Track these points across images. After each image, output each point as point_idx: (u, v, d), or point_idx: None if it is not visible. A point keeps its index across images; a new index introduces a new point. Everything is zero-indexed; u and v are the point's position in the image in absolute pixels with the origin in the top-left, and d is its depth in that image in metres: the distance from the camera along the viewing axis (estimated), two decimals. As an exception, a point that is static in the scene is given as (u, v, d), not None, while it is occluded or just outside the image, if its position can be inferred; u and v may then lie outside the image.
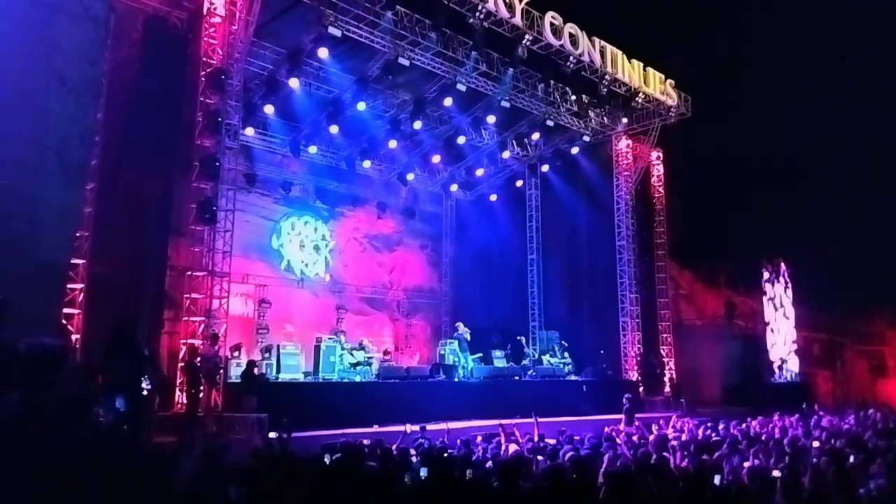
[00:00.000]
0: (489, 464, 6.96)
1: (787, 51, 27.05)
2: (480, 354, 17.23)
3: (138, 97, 11.76)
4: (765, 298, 25.43)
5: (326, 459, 7.14)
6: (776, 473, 6.71)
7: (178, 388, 11.54)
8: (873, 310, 29.59)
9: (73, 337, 10.40)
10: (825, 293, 26.13)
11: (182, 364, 11.50)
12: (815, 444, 9.30)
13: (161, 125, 12.09)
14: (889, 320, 30.70)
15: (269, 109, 15.74)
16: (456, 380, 15.72)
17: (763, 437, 10.18)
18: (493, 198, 21.78)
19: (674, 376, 19.88)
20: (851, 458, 7.77)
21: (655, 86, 18.33)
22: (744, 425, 11.70)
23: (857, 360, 30.20)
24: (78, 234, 9.88)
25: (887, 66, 25.78)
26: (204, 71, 12.38)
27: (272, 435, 9.09)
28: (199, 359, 11.20)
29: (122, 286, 11.01)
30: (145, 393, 7.21)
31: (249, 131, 16.28)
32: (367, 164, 19.17)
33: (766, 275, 25.70)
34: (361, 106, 16.09)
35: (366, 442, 8.13)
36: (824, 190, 27.39)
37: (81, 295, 10.77)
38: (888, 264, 26.53)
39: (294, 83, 14.99)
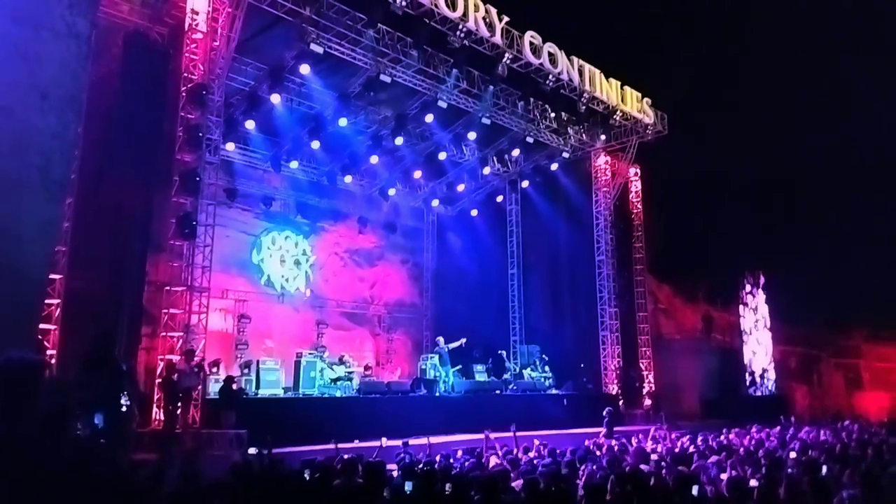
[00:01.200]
0: (471, 476, 6.99)
1: (763, 67, 27.73)
2: (460, 367, 17.25)
3: (118, 112, 11.75)
4: (743, 311, 25.80)
5: (306, 475, 7.12)
6: (753, 483, 6.82)
7: (155, 405, 11.41)
8: (849, 324, 30.12)
9: (50, 353, 10.26)
10: (802, 307, 26.55)
11: (159, 380, 11.38)
12: (792, 454, 9.46)
13: (141, 140, 12.07)
14: (864, 334, 31.26)
15: (250, 125, 15.78)
16: (437, 394, 15.73)
17: (740, 449, 10.31)
18: (474, 213, 21.94)
19: (653, 389, 20.04)
20: (825, 469, 7.92)
21: (633, 104, 18.69)
22: (721, 437, 11.83)
23: (834, 374, 30.66)
24: (56, 249, 9.80)
25: (863, 81, 26.50)
26: (185, 86, 12.39)
27: (252, 451, 9.05)
28: (176, 375, 11.10)
29: (100, 301, 10.91)
30: (124, 409, 7.12)
31: (230, 146, 16.28)
32: (348, 179, 19.24)
33: (746, 287, 26.09)
34: (343, 122, 16.18)
35: (346, 457, 8.11)
36: (801, 205, 27.99)
37: (58, 310, 10.65)
38: (863, 278, 27.10)
39: (275, 99, 15.05)
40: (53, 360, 10.31)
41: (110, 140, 11.64)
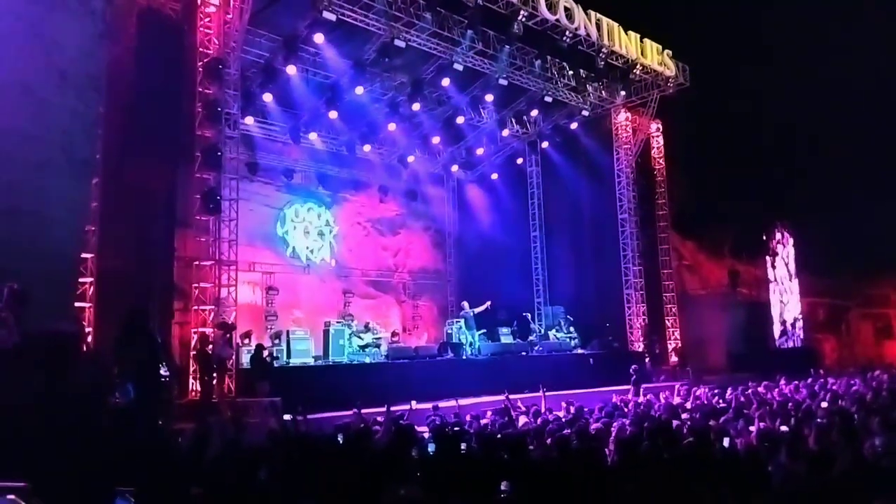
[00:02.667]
0: (500, 435, 7.13)
1: (788, 14, 26.78)
2: (485, 331, 17.40)
3: (137, 90, 11.80)
4: (769, 264, 25.50)
5: (339, 438, 7.32)
6: (783, 429, 6.86)
7: (191, 376, 11.73)
8: (878, 273, 29.59)
9: (87, 329, 10.57)
10: (829, 258, 26.14)
11: (194, 352, 11.68)
12: (823, 405, 9.45)
13: (161, 117, 12.15)
14: (894, 283, 30.72)
15: (267, 97, 15.79)
16: (464, 357, 15.92)
17: (770, 402, 10.32)
18: (495, 176, 21.81)
19: (679, 346, 20.02)
20: (855, 418, 7.91)
21: (653, 57, 18.26)
22: (749, 391, 11.84)
23: (862, 324, 30.29)
24: (86, 229, 10.01)
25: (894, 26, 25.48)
26: (201, 61, 12.41)
27: (287, 417, 9.30)
28: (210, 346, 11.38)
29: (131, 278, 11.14)
30: (165, 380, 7.37)
31: (249, 120, 16.33)
32: (367, 148, 19.22)
33: (773, 240, 25.74)
34: (359, 90, 16.10)
35: (379, 419, 8.31)
36: (826, 154, 27.28)
37: (92, 288, 10.92)
38: (891, 227, 26.51)
39: (291, 70, 15.01)
40: (90, 338, 10.62)
41: (131, 119, 11.72)
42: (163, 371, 7.04)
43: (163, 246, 12.32)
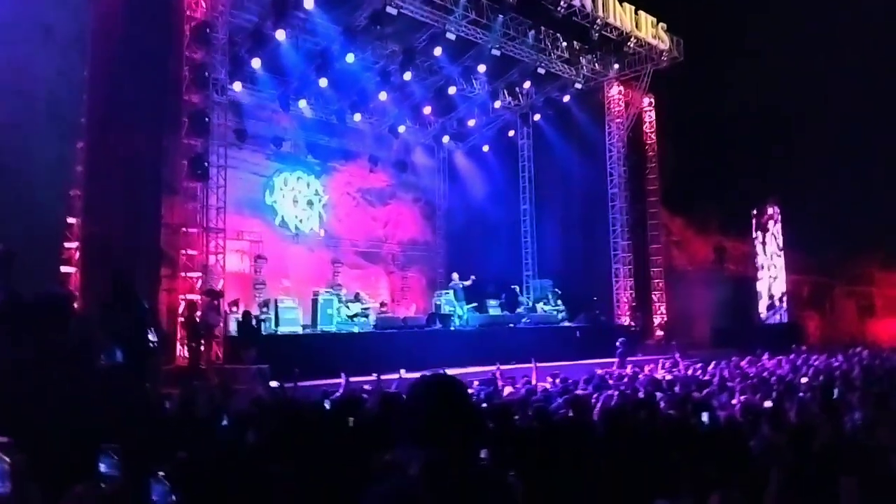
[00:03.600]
0: (484, 405, 7.20)
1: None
2: (475, 304, 17.48)
3: (123, 54, 11.53)
4: (756, 240, 25.71)
5: (326, 405, 7.37)
6: (767, 404, 6.98)
7: (178, 343, 11.73)
8: (862, 251, 29.91)
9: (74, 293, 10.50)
10: (815, 236, 26.36)
11: (182, 319, 11.66)
12: (804, 380, 9.62)
13: (148, 81, 11.89)
14: (878, 261, 31.10)
15: (256, 63, 15.50)
16: (452, 328, 16.02)
17: (751, 376, 10.49)
18: (486, 148, 21.69)
19: (665, 320, 20.24)
20: (836, 392, 8.06)
21: (647, 29, 18.12)
22: (732, 365, 12.02)
23: (846, 302, 30.71)
24: (71, 193, 9.88)
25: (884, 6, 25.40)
26: (188, 24, 12.17)
27: (274, 384, 9.33)
28: (198, 313, 11.36)
29: (118, 244, 11.02)
30: (152, 345, 7.35)
31: (237, 86, 16.04)
32: (357, 117, 18.99)
33: (760, 216, 25.93)
34: (350, 58, 15.84)
35: (366, 387, 8.35)
36: (817, 132, 27.32)
37: (77, 253, 10.82)
38: (878, 206, 26.76)
39: (280, 35, 14.73)
40: (76, 303, 10.55)
41: (117, 83, 11.47)
42: (151, 336, 7.00)
43: (149, 212, 12.17)
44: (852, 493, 3.16)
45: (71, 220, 10.46)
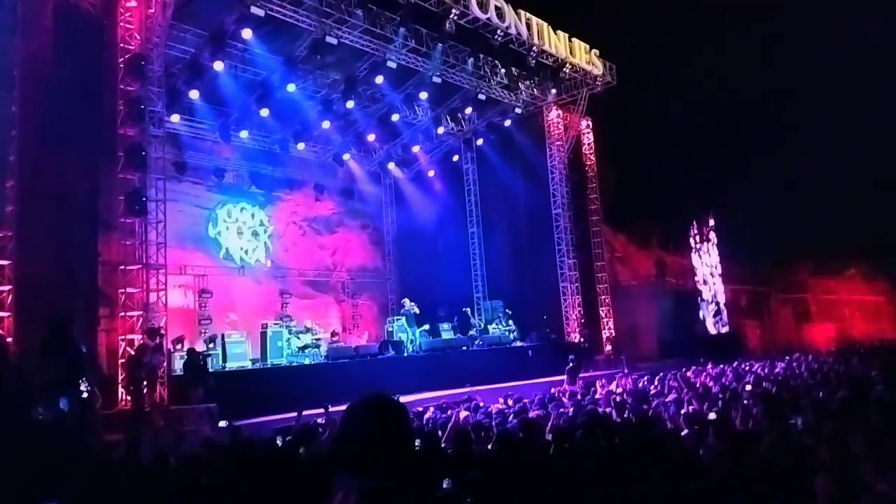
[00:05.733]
0: (440, 432, 7.19)
1: (705, 12, 27.96)
2: (427, 327, 17.47)
3: (54, 88, 11.21)
4: (694, 254, 26.63)
5: (279, 441, 7.22)
6: (711, 416, 7.18)
7: (120, 385, 11.27)
8: (796, 260, 31.39)
9: (7, 339, 9.99)
10: (750, 247, 27.55)
11: (123, 361, 11.23)
12: (747, 388, 9.95)
13: (81, 116, 11.57)
14: (810, 269, 32.65)
15: (194, 94, 15.29)
16: (405, 355, 15.92)
17: (697, 386, 10.80)
18: (431, 174, 21.88)
19: (613, 335, 20.65)
20: (778, 399, 8.37)
21: (581, 56, 18.74)
22: (679, 376, 12.33)
23: (783, 309, 32.06)
24: (1, 235, 9.46)
25: (809, 21, 26.95)
26: (122, 57, 11.91)
27: (223, 423, 9.07)
28: (139, 353, 10.95)
29: (53, 285, 10.59)
30: (85, 394, 6.98)
31: (175, 118, 15.77)
32: (301, 146, 18.91)
33: (697, 231, 26.89)
34: (291, 87, 15.81)
35: (320, 421, 8.22)
36: (749, 147, 28.73)
37: (10, 297, 10.33)
38: (807, 216, 28.17)
39: (219, 66, 14.58)
40: (10, 349, 10.04)
41: (49, 119, 11.12)
42: (83, 386, 6.70)
43: (85, 250, 11.74)
44: (826, 490, 3.25)
45: (2, 262, 10.00)
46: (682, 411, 7.77)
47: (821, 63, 27.06)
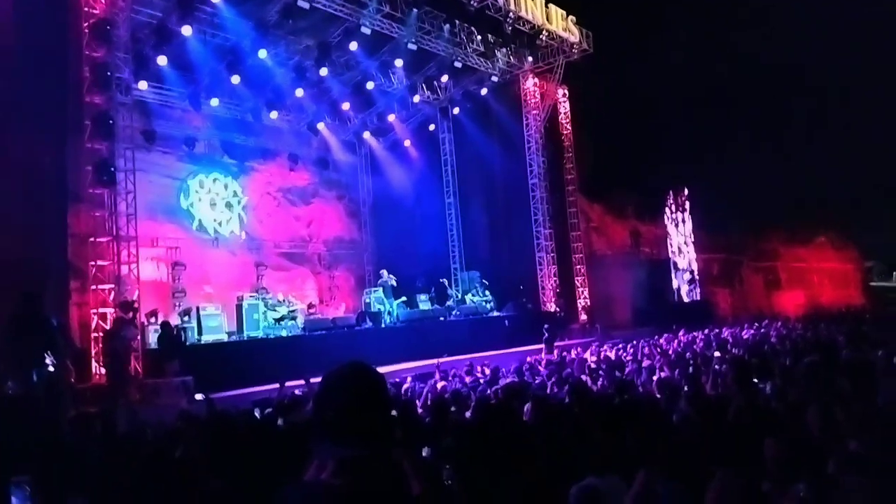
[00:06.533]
0: (419, 401, 7.25)
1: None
2: (405, 299, 17.49)
3: (17, 57, 10.83)
4: (668, 224, 26.94)
5: (256, 413, 7.21)
6: (682, 383, 7.34)
7: (94, 359, 11.15)
8: (767, 228, 31.94)
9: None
10: (723, 217, 27.94)
11: (96, 335, 11.10)
12: (717, 354, 10.18)
13: (46, 84, 11.22)
14: (781, 238, 33.26)
15: (162, 60, 14.80)
16: (383, 326, 15.96)
17: (669, 352, 11.02)
18: (407, 143, 21.67)
19: (588, 304, 20.90)
20: (748, 365, 8.57)
21: (558, 22, 18.59)
22: (651, 343, 12.57)
23: (754, 277, 32.70)
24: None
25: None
26: (87, 22, 11.51)
27: (199, 396, 9.04)
28: (115, 327, 10.83)
29: (22, 259, 10.37)
30: (51, 368, 6.89)
31: (143, 85, 15.26)
32: (274, 114, 18.52)
33: (671, 201, 27.17)
34: (262, 53, 15.41)
35: (297, 392, 8.23)
36: (724, 117, 28.92)
37: (-25, 271, 10.09)
38: (778, 185, 28.61)
39: (187, 31, 14.16)
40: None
41: (11, 88, 10.76)
42: (48, 360, 6.60)
43: (54, 223, 11.52)
44: (775, 452, 3.35)
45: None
46: (654, 378, 7.93)
47: (800, 34, 27.20)
